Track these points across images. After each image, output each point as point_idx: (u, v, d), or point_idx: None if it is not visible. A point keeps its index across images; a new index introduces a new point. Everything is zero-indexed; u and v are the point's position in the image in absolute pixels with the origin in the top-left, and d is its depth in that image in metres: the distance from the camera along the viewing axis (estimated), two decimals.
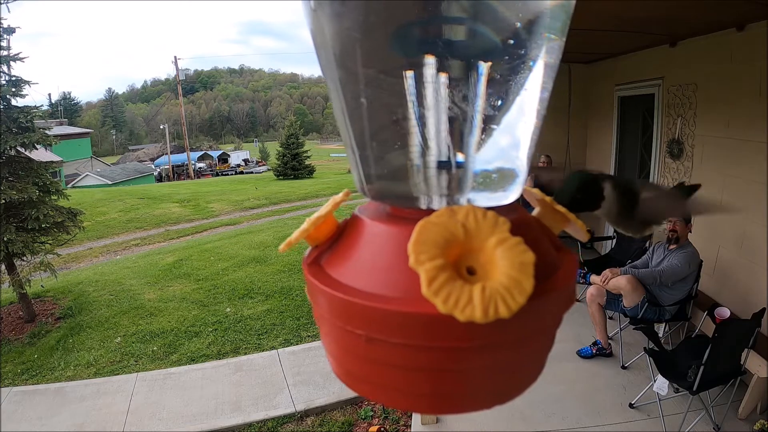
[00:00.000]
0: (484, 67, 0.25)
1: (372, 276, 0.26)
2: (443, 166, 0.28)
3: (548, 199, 0.33)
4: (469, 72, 0.26)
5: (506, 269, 0.23)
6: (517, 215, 0.28)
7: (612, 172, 5.01)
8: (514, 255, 0.23)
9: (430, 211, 0.26)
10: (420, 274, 0.23)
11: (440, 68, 0.25)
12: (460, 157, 0.28)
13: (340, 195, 0.32)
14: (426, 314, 0.23)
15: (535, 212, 0.33)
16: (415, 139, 0.27)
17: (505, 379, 0.27)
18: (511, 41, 0.25)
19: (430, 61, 0.25)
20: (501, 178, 0.29)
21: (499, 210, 0.26)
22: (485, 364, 0.25)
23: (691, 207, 0.85)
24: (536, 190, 0.34)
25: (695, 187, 0.88)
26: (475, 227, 0.24)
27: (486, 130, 0.27)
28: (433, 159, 0.27)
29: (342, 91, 0.28)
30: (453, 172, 0.28)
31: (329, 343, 0.29)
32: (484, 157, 0.28)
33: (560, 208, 0.32)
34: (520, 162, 0.30)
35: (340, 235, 0.31)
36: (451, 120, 0.26)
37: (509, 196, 0.30)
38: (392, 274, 0.25)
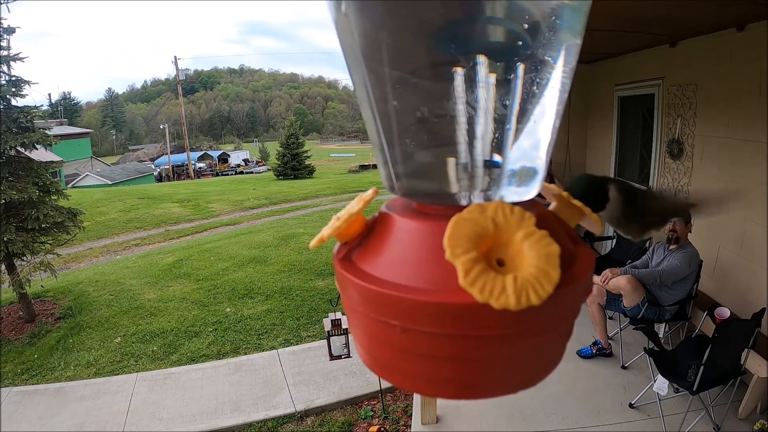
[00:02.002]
0: (520, 68, 0.27)
1: (403, 269, 0.27)
2: (475, 164, 0.29)
3: (565, 194, 0.34)
4: (506, 73, 0.27)
5: (534, 260, 0.25)
6: (538, 210, 0.30)
7: (612, 172, 5.02)
8: (541, 247, 0.25)
9: (456, 207, 0.27)
10: (456, 266, 0.24)
11: (473, 68, 0.26)
12: (492, 156, 0.29)
13: (369, 193, 0.33)
14: (461, 304, 0.24)
15: (551, 207, 0.34)
16: (448, 138, 0.28)
17: (530, 365, 0.28)
18: (540, 42, 0.26)
19: (464, 60, 0.26)
20: (525, 175, 0.31)
21: (522, 205, 0.28)
22: (513, 351, 0.26)
23: (696, 208, 0.86)
24: (553, 186, 0.35)
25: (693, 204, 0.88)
26: (503, 222, 0.26)
27: (517, 130, 0.28)
28: (465, 158, 0.29)
29: (371, 91, 0.29)
30: (483, 170, 0.29)
31: (360, 334, 0.30)
32: (512, 156, 0.29)
33: (576, 202, 0.34)
34: (541, 160, 0.31)
35: (370, 232, 0.32)
36: (483, 119, 0.27)
37: (531, 192, 0.31)
38: (423, 267, 0.27)
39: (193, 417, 3.49)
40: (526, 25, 0.26)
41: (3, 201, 5.08)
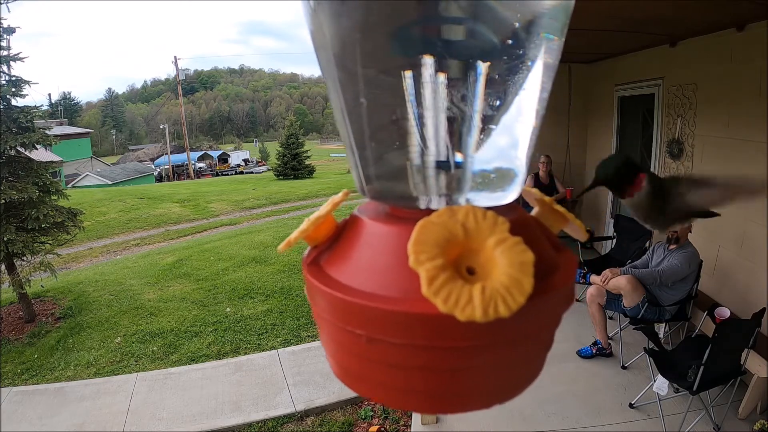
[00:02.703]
0: (483, 67, 0.25)
1: (371, 276, 0.26)
2: (442, 166, 0.28)
3: (547, 199, 0.33)
4: (468, 72, 0.26)
5: (506, 269, 0.23)
6: (516, 215, 0.28)
7: None
8: (514, 255, 0.24)
9: (429, 211, 0.26)
10: (420, 273, 0.23)
11: (439, 68, 0.25)
12: (459, 157, 0.28)
13: (339, 195, 0.32)
14: (426, 314, 0.23)
15: (534, 212, 0.33)
16: (415, 139, 0.27)
17: (505, 378, 0.27)
18: (510, 41, 0.25)
19: (429, 61, 0.25)
20: (500, 178, 0.30)
21: (499, 210, 0.27)
22: (485, 363, 0.25)
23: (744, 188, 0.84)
24: (535, 190, 0.34)
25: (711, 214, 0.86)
26: (474, 227, 0.25)
27: (485, 130, 0.27)
28: (432, 159, 0.27)
29: (341, 91, 0.28)
30: (452, 172, 0.28)
31: (328, 343, 0.29)
32: (483, 157, 0.28)
33: (559, 207, 0.32)
34: (519, 162, 0.30)
35: (339, 235, 0.31)
36: (450, 120, 0.26)
37: (508, 195, 0.30)
38: (392, 274, 0.25)
39: (193, 417, 3.49)
40: (498, 26, 0.25)
41: (3, 201, 5.08)
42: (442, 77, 0.25)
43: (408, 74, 0.25)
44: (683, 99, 3.81)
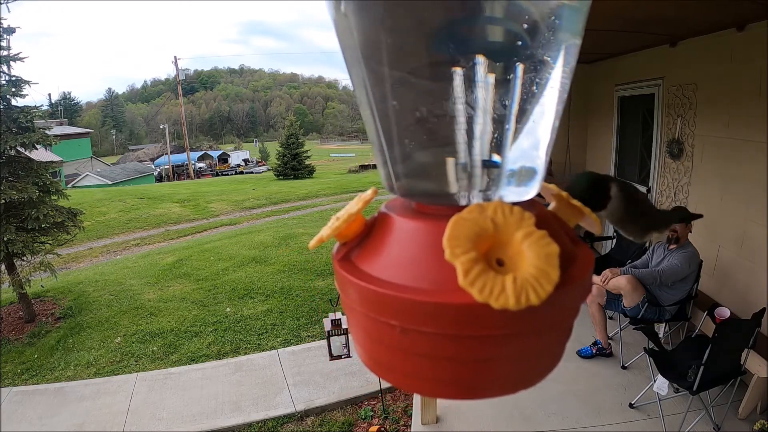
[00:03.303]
0: (519, 68, 0.27)
1: (403, 269, 0.27)
2: (474, 164, 0.29)
3: (564, 194, 0.34)
4: (504, 72, 0.27)
5: (533, 260, 0.25)
6: (537, 210, 0.30)
7: (612, 172, 5.02)
8: (540, 247, 0.25)
9: (455, 207, 0.27)
10: (456, 266, 0.24)
11: (473, 68, 0.26)
12: (491, 156, 0.29)
13: (369, 193, 0.33)
14: (460, 304, 0.24)
15: (551, 207, 0.34)
16: (447, 138, 0.28)
17: (530, 365, 0.28)
18: (539, 42, 0.26)
19: (463, 61, 0.26)
20: (525, 175, 0.31)
21: (522, 205, 0.28)
22: (513, 351, 0.26)
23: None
24: (552, 186, 0.35)
25: (695, 216, 0.89)
26: (503, 222, 0.26)
27: (515, 130, 0.28)
28: (465, 158, 0.29)
29: (371, 91, 0.29)
30: (483, 171, 0.29)
31: (359, 334, 0.30)
32: (512, 156, 0.29)
33: (575, 202, 0.34)
34: (540, 160, 0.31)
35: (369, 232, 0.32)
36: (482, 119, 0.27)
37: (530, 192, 0.31)
38: (423, 267, 0.27)
39: (193, 417, 3.49)
40: (525, 25, 0.26)
41: (3, 201, 5.08)
42: (477, 77, 0.26)
43: (440, 74, 0.27)
44: (683, 99, 3.82)
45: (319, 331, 4.63)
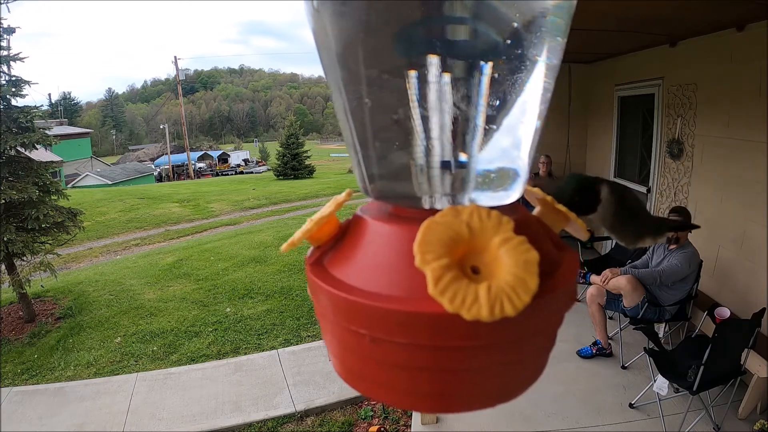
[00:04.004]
0: (486, 67, 0.25)
1: (376, 276, 0.26)
2: (446, 165, 0.28)
3: (549, 198, 0.33)
4: (472, 72, 0.26)
5: (511, 268, 0.23)
6: (519, 214, 0.28)
7: (612, 172, 5.01)
8: (519, 254, 0.24)
9: (432, 211, 0.26)
10: (426, 273, 0.23)
11: (443, 68, 0.25)
12: (462, 156, 0.28)
13: (342, 195, 0.32)
14: (431, 314, 0.23)
15: (535, 211, 0.33)
16: (418, 139, 0.27)
17: (508, 377, 0.27)
18: (513, 41, 0.25)
19: (432, 60, 0.25)
20: (503, 177, 0.30)
21: (502, 209, 0.27)
22: (489, 363, 0.25)
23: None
24: (537, 189, 0.34)
25: (691, 226, 0.85)
26: (479, 227, 0.25)
27: (488, 130, 0.27)
28: (436, 159, 0.27)
29: (344, 91, 0.28)
30: (456, 172, 0.28)
31: (331, 343, 0.29)
32: (486, 156, 0.28)
33: (561, 207, 0.32)
34: (522, 162, 0.30)
35: (342, 236, 0.31)
36: (454, 120, 0.26)
37: (511, 195, 0.30)
38: (396, 273, 0.25)
39: (193, 417, 3.48)
40: (503, 26, 0.25)
41: (3, 201, 5.08)
42: (445, 77, 0.25)
43: (412, 74, 0.25)
44: (683, 99, 3.81)
45: (319, 331, 4.62)
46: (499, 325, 0.22)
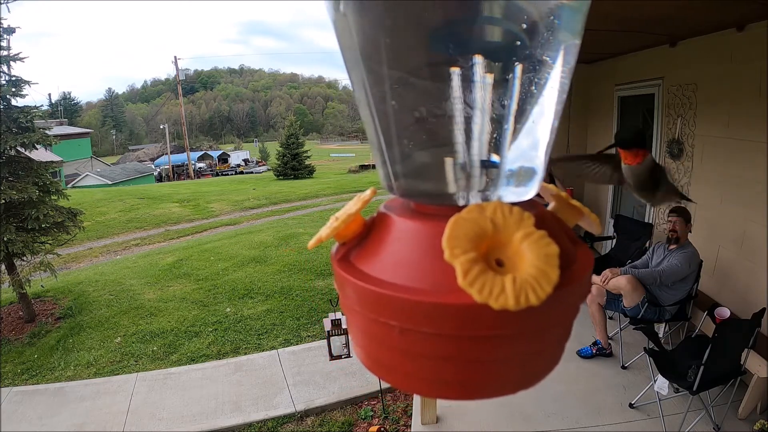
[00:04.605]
0: (517, 67, 0.26)
1: (402, 270, 0.27)
2: (473, 164, 0.29)
3: (563, 194, 0.34)
4: (501, 72, 0.27)
5: (533, 261, 0.25)
6: (537, 210, 0.30)
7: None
8: (540, 247, 0.25)
9: (454, 208, 0.27)
10: (455, 266, 0.24)
11: (471, 68, 0.26)
12: (490, 155, 0.29)
13: (368, 193, 0.33)
14: (460, 304, 0.24)
15: (550, 207, 0.34)
16: (447, 138, 0.28)
17: (529, 365, 0.28)
18: (538, 42, 0.26)
19: (460, 61, 0.26)
20: (524, 175, 0.31)
21: (522, 206, 0.28)
22: (513, 351, 0.26)
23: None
24: (552, 186, 0.35)
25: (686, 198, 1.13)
26: (502, 222, 0.26)
27: (514, 130, 0.28)
28: (464, 158, 0.29)
29: (369, 91, 0.29)
30: (482, 171, 0.29)
31: (358, 335, 0.30)
32: (511, 156, 0.29)
33: (575, 202, 0.34)
34: (540, 160, 0.31)
35: (368, 232, 0.32)
36: (482, 119, 0.27)
37: (530, 192, 0.31)
38: (423, 267, 0.27)
39: (193, 417, 3.49)
40: (524, 25, 0.25)
41: (3, 201, 5.08)
42: (475, 77, 0.26)
43: (440, 74, 0.26)
44: (683, 99, 3.82)
45: (319, 331, 4.63)
46: (523, 314, 0.23)
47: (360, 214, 0.32)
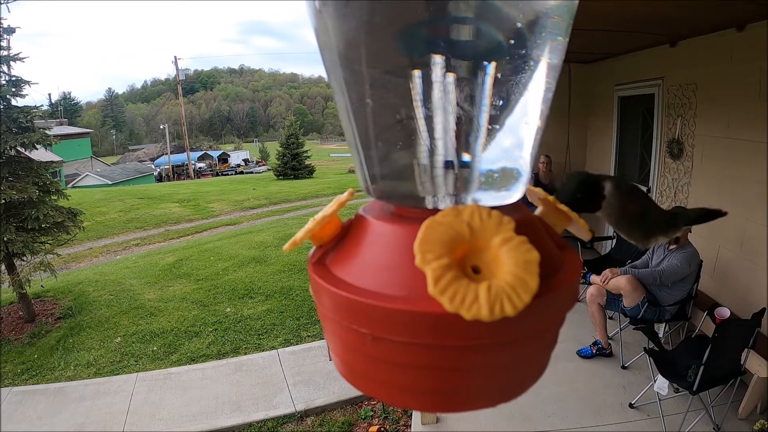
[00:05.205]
0: (490, 67, 0.25)
1: (377, 275, 0.26)
2: (448, 165, 0.28)
3: (551, 198, 0.33)
4: (475, 72, 0.26)
5: (511, 268, 0.23)
6: (520, 214, 0.28)
7: (612, 172, 5.01)
8: (519, 254, 0.24)
9: (434, 211, 0.26)
10: (426, 273, 0.23)
11: (446, 68, 0.25)
12: (465, 156, 0.28)
13: (345, 194, 0.32)
14: (432, 313, 0.23)
15: (537, 211, 0.33)
16: (421, 139, 0.27)
17: (509, 377, 0.27)
18: (516, 41, 0.25)
19: (435, 60, 0.25)
20: (505, 177, 0.30)
21: (503, 209, 0.27)
22: (490, 362, 0.25)
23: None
24: (539, 190, 0.34)
25: (717, 214, 0.75)
26: (480, 226, 0.25)
27: (491, 130, 0.27)
28: (438, 159, 0.27)
29: (347, 91, 0.28)
30: (458, 172, 0.28)
31: (333, 342, 0.29)
32: (489, 156, 0.28)
33: (563, 207, 0.32)
34: (524, 162, 0.30)
35: (344, 235, 0.31)
36: (457, 120, 0.26)
37: (513, 195, 0.30)
38: (398, 273, 0.25)
39: (193, 417, 3.48)
40: (505, 26, 0.25)
41: (3, 201, 5.08)
42: (449, 77, 0.25)
43: (415, 74, 0.26)
44: (683, 99, 3.82)
45: (319, 331, 4.63)
46: (499, 324, 0.22)
47: (337, 215, 0.31)
